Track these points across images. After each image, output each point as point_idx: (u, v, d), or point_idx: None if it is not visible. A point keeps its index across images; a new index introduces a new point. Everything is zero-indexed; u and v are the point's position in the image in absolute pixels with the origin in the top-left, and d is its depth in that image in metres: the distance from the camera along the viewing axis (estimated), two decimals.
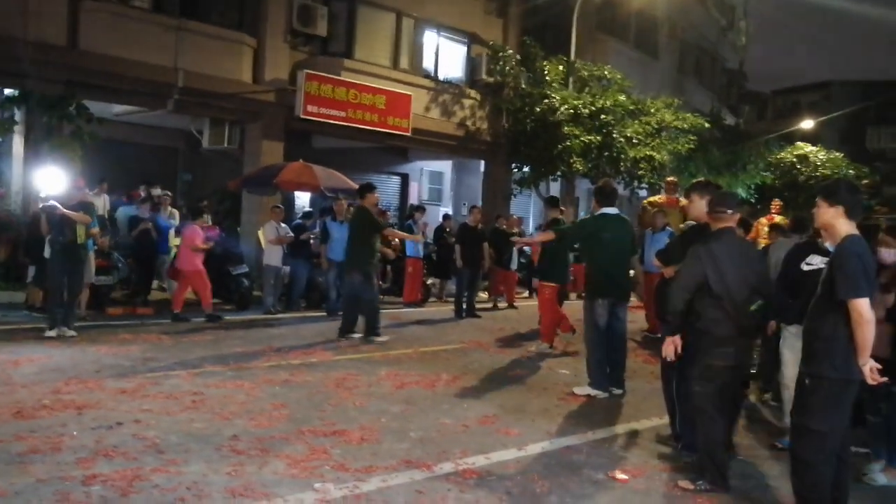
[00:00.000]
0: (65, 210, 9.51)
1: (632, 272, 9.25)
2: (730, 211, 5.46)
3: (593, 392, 8.00)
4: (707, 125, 22.15)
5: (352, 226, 11.07)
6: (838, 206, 4.59)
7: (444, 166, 23.49)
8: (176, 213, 14.27)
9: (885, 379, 4.55)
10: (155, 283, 13.51)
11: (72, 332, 9.47)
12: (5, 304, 11.28)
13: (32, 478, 4.70)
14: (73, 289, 9.72)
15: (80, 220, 9.62)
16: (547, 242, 10.07)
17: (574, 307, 14.06)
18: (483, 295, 16.16)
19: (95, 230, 10.35)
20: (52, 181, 10.17)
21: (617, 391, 8.14)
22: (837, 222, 4.61)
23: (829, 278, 4.53)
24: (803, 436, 4.64)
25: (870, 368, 4.39)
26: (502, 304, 15.66)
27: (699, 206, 5.98)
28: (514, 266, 15.94)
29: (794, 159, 27.93)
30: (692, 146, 21.24)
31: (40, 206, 10.12)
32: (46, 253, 10.21)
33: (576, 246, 10.79)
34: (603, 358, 8.11)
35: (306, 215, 14.89)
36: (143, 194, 14.77)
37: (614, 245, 8.23)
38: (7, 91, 13.04)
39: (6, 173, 13.96)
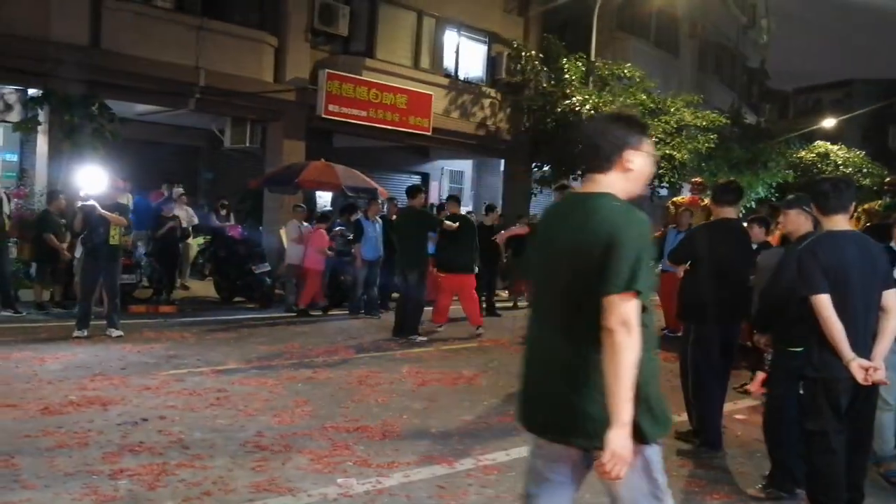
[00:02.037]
0: (103, 210, 9.54)
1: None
2: None
3: None
4: (727, 123, 22.02)
5: (405, 226, 11.12)
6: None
7: (465, 165, 23.49)
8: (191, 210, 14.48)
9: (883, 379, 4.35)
10: (178, 283, 13.63)
11: (118, 332, 9.47)
12: (30, 302, 11.39)
13: (61, 472, 4.75)
14: (111, 290, 9.71)
15: (117, 221, 9.60)
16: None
17: None
18: (502, 294, 16.16)
19: (128, 238, 10.37)
20: (87, 180, 10.18)
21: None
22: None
23: None
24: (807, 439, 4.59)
25: (857, 366, 4.22)
26: (522, 304, 15.63)
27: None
28: None
29: (815, 158, 27.70)
30: (712, 145, 21.12)
31: (79, 203, 10.14)
32: (78, 252, 10.30)
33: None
34: None
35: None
36: (165, 193, 14.89)
37: None
38: (31, 91, 13.17)
39: (30, 172, 14.11)
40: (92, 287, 9.71)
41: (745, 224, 7.20)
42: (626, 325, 2.60)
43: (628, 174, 2.90)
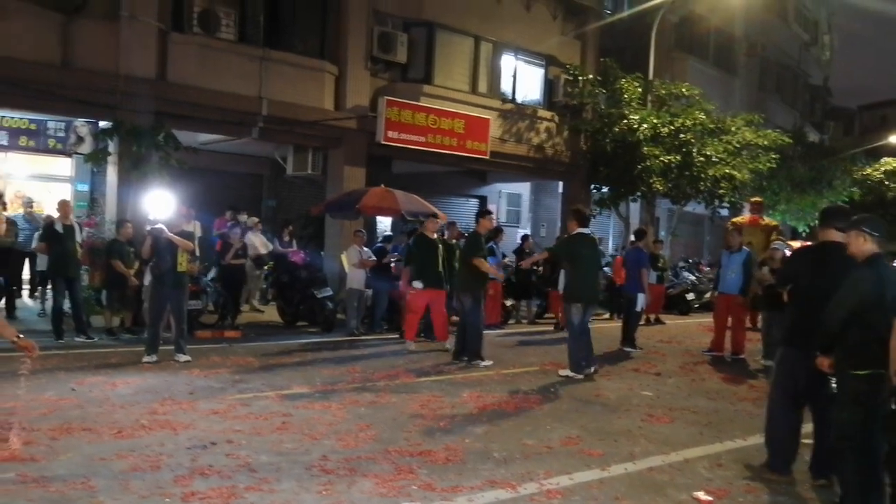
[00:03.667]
0: (171, 234, 9.78)
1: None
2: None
3: (572, 374, 9.70)
4: (789, 142, 21.66)
5: (464, 251, 11.27)
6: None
7: (523, 188, 23.51)
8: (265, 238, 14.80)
9: None
10: (246, 307, 13.85)
11: (186, 357, 9.71)
12: (101, 328, 11.72)
13: (135, 494, 4.87)
14: (178, 316, 9.97)
15: (184, 246, 9.83)
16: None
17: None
18: (560, 315, 16.09)
19: (195, 266, 10.61)
20: (154, 207, 10.47)
21: (588, 370, 9.76)
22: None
23: None
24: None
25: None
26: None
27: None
28: None
29: (882, 175, 27.03)
30: (774, 164, 20.79)
31: (148, 228, 10.43)
32: (147, 280, 10.57)
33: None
34: (579, 348, 9.75)
35: (386, 239, 15.08)
36: (229, 220, 15.19)
37: (590, 259, 9.90)
38: (101, 123, 13.62)
39: (100, 202, 14.58)
40: (160, 313, 9.96)
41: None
42: None
43: None
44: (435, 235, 11.91)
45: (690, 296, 19.65)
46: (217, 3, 14.12)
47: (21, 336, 5.37)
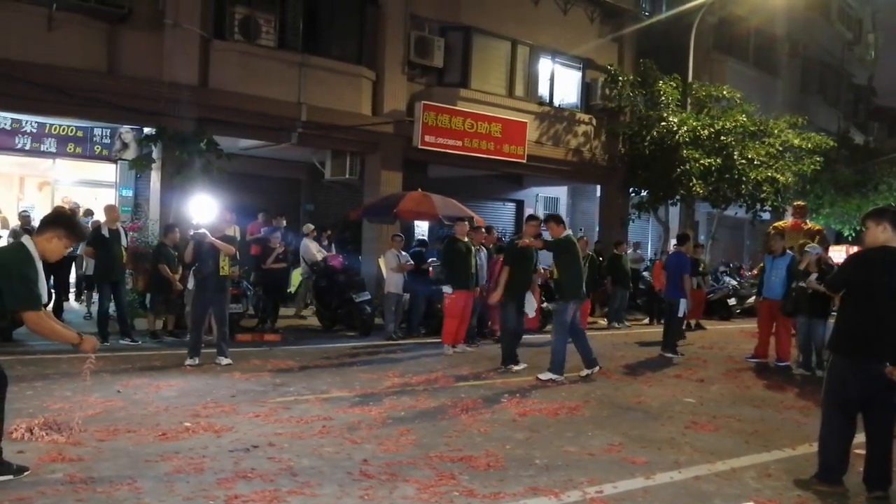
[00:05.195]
0: (213, 239, 9.91)
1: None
2: None
3: (554, 376, 9.65)
4: (833, 144, 21.32)
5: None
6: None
7: (560, 192, 23.44)
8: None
9: None
10: (292, 311, 13.96)
11: (227, 360, 9.83)
12: (144, 331, 11.91)
13: (180, 496, 4.94)
14: (220, 319, 10.11)
15: (226, 250, 9.93)
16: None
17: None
18: (601, 322, 16.02)
19: (236, 270, 10.71)
20: (197, 212, 10.61)
21: (589, 371, 10.05)
22: None
23: None
24: None
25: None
26: (620, 330, 15.47)
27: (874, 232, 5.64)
28: None
29: None
30: (818, 167, 20.47)
31: (191, 233, 10.57)
32: (190, 284, 10.73)
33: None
34: (565, 349, 9.81)
35: (421, 243, 15.10)
36: (261, 224, 15.32)
37: (579, 260, 10.13)
38: (146, 130, 13.86)
39: (144, 207, 14.83)
40: (202, 316, 10.09)
41: None
42: None
43: None
44: (466, 238, 11.92)
45: (732, 301, 19.41)
46: (258, 10, 14.30)
47: (82, 334, 5.30)
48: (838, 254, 17.96)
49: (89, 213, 14.43)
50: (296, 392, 8.33)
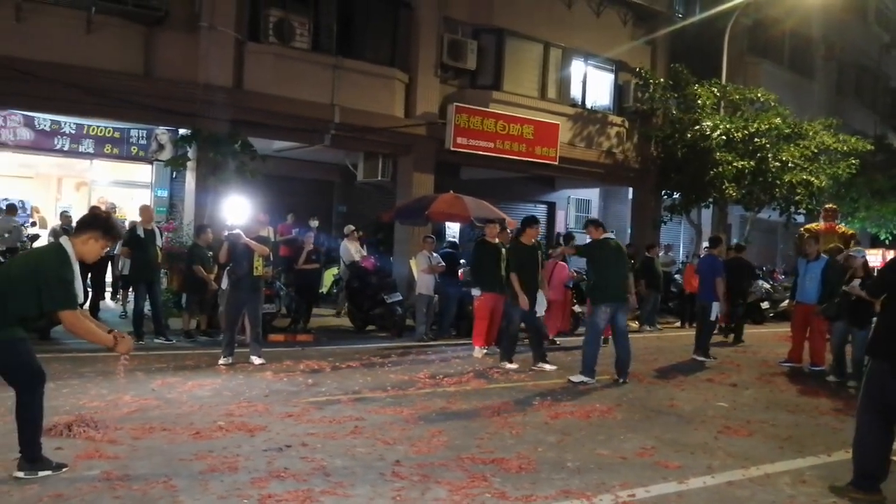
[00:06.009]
0: (248, 239, 9.99)
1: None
2: None
3: (585, 379, 9.60)
4: (870, 147, 21.00)
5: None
6: None
7: (592, 194, 23.35)
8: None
9: None
10: (328, 312, 14.03)
11: (260, 360, 9.91)
12: (178, 330, 12.05)
13: (214, 495, 4.99)
14: (253, 319, 10.19)
15: (260, 251, 9.99)
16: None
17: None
18: (633, 325, 15.90)
19: (269, 271, 10.79)
20: (231, 213, 10.70)
21: (620, 380, 9.85)
22: None
23: None
24: None
25: None
26: (652, 333, 15.38)
27: None
28: None
29: None
30: (854, 171, 20.18)
31: (225, 233, 10.67)
32: (224, 284, 10.82)
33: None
34: (597, 352, 9.76)
35: (452, 245, 15.10)
36: (291, 224, 15.38)
37: (618, 263, 9.90)
38: (181, 131, 14.02)
39: (179, 207, 15.01)
40: (236, 316, 10.17)
41: None
42: None
43: None
44: (497, 240, 11.88)
45: (765, 304, 19.18)
46: (292, 12, 14.40)
47: (115, 333, 5.33)
48: (874, 257, 17.71)
49: (112, 209, 14.55)
50: (328, 392, 8.38)
